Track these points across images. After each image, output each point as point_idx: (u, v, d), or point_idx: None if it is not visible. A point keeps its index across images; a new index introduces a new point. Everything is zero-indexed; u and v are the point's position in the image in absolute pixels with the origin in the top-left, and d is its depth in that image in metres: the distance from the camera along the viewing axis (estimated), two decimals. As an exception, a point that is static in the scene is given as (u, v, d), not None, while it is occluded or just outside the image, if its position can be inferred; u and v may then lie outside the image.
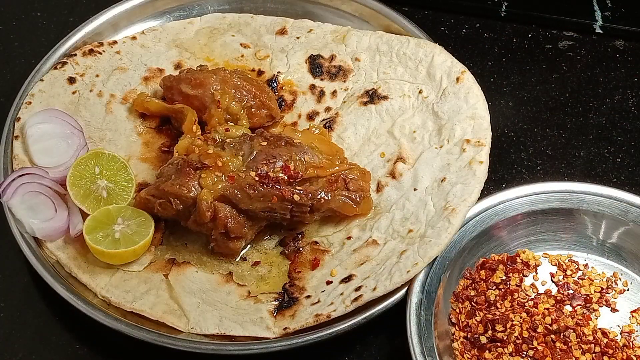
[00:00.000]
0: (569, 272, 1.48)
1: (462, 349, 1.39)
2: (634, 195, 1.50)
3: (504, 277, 1.47)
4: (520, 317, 1.42)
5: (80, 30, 1.74)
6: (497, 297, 1.44)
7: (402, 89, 1.67)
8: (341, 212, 1.53)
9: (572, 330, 1.40)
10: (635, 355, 1.39)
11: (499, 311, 1.43)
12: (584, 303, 1.45)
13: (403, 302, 1.41)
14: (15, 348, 1.47)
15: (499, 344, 1.39)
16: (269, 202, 1.47)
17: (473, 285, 1.45)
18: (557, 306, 1.44)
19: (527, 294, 1.46)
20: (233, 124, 1.61)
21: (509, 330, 1.40)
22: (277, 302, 1.45)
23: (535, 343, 1.39)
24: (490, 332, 1.40)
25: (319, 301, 1.43)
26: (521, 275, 1.48)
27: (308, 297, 1.45)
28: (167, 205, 1.48)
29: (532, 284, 1.48)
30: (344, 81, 1.71)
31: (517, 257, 1.49)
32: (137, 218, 1.50)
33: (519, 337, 1.40)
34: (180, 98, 1.63)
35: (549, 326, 1.40)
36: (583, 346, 1.38)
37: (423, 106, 1.64)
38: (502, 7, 1.85)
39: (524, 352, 1.38)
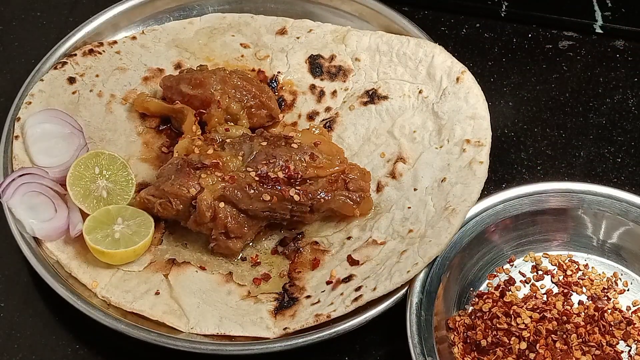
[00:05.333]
0: (569, 272, 1.48)
1: (462, 352, 1.39)
2: (634, 195, 1.50)
3: (502, 288, 1.47)
4: (521, 318, 1.41)
5: (80, 30, 1.74)
6: (496, 308, 1.44)
7: (402, 89, 1.67)
8: (341, 212, 1.53)
9: (573, 331, 1.40)
10: (637, 354, 1.39)
11: (499, 313, 1.43)
12: (584, 303, 1.45)
13: (403, 302, 1.41)
14: (15, 348, 1.47)
15: (499, 347, 1.39)
16: (269, 202, 1.47)
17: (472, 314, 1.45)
18: (557, 306, 1.44)
19: (527, 295, 1.46)
20: (233, 124, 1.61)
21: (509, 330, 1.40)
22: (277, 302, 1.45)
23: (536, 345, 1.38)
24: (490, 336, 1.40)
25: (319, 301, 1.43)
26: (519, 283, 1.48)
27: (308, 297, 1.45)
28: (167, 205, 1.48)
29: (533, 285, 1.48)
30: (344, 81, 1.71)
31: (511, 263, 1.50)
32: (137, 218, 1.50)
33: (520, 337, 1.40)
34: (180, 98, 1.63)
35: (549, 327, 1.40)
36: (584, 347, 1.38)
37: (423, 106, 1.64)
38: (502, 7, 1.85)
39: (525, 353, 1.38)
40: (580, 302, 1.45)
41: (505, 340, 1.39)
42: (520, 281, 1.48)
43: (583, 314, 1.43)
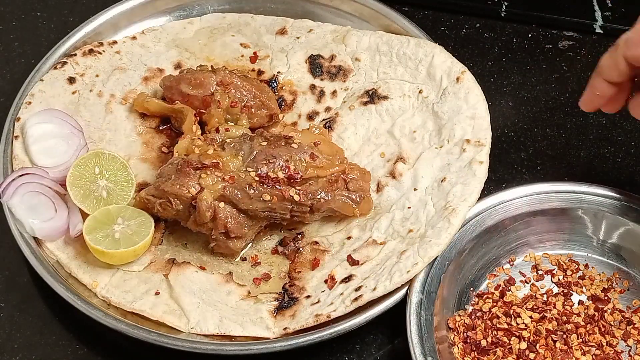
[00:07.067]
0: (569, 272, 1.48)
1: (462, 352, 1.39)
2: (634, 195, 1.50)
3: (502, 288, 1.47)
4: (521, 318, 1.42)
5: (80, 30, 1.74)
6: (496, 308, 1.44)
7: (402, 88, 1.67)
8: (341, 212, 1.53)
9: (573, 331, 1.40)
10: (637, 354, 1.39)
11: (499, 313, 1.43)
12: (584, 303, 1.45)
13: (403, 302, 1.41)
14: (15, 348, 1.47)
15: (499, 347, 1.39)
16: (269, 202, 1.47)
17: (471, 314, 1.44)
18: (557, 306, 1.44)
19: (527, 295, 1.46)
20: (233, 124, 1.61)
21: (509, 330, 1.40)
22: (277, 302, 1.45)
23: (536, 345, 1.39)
24: (490, 336, 1.40)
25: (319, 301, 1.43)
26: (518, 283, 1.48)
27: (308, 297, 1.45)
28: (167, 205, 1.48)
29: (533, 285, 1.48)
30: (344, 81, 1.71)
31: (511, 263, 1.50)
32: (137, 218, 1.50)
33: (520, 337, 1.40)
34: (180, 98, 1.63)
35: (549, 327, 1.41)
36: (584, 347, 1.38)
37: (423, 106, 1.64)
38: (502, 7, 1.85)
39: (525, 353, 1.38)
40: (580, 302, 1.45)
41: (505, 340, 1.39)
42: (520, 281, 1.48)
43: (583, 314, 1.43)
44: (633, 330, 1.41)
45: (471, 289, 1.47)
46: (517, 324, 1.41)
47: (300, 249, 1.52)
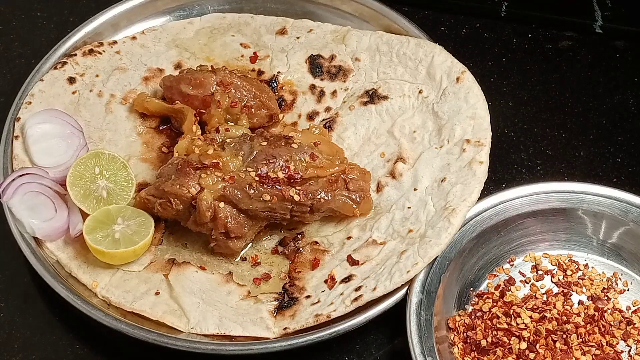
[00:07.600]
0: (569, 272, 1.48)
1: (462, 352, 1.39)
2: (634, 195, 1.50)
3: (502, 288, 1.47)
4: (521, 318, 1.42)
5: (80, 30, 1.74)
6: (496, 308, 1.44)
7: (402, 89, 1.67)
8: (341, 212, 1.53)
9: (573, 331, 1.40)
10: (637, 354, 1.39)
11: (499, 313, 1.43)
12: (584, 303, 1.45)
13: (403, 302, 1.41)
14: (15, 348, 1.47)
15: (499, 347, 1.39)
16: (269, 202, 1.47)
17: (472, 314, 1.44)
18: (557, 306, 1.44)
19: (527, 295, 1.46)
20: (233, 124, 1.61)
21: (509, 330, 1.40)
22: (277, 302, 1.45)
23: (536, 345, 1.39)
24: (490, 336, 1.40)
25: (319, 301, 1.43)
26: (519, 283, 1.48)
27: (308, 297, 1.45)
28: (167, 205, 1.48)
29: (533, 285, 1.48)
30: (344, 81, 1.71)
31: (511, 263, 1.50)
32: (137, 218, 1.50)
33: (520, 337, 1.40)
34: (180, 98, 1.63)
35: (549, 327, 1.41)
36: (584, 347, 1.38)
37: (423, 106, 1.64)
38: (502, 7, 1.85)
39: (525, 353, 1.38)
40: (580, 302, 1.45)
41: (505, 340, 1.39)
42: (520, 281, 1.48)
43: (583, 314, 1.43)
44: (633, 330, 1.41)
45: (471, 289, 1.47)
46: (517, 324, 1.41)
47: (300, 249, 1.52)
